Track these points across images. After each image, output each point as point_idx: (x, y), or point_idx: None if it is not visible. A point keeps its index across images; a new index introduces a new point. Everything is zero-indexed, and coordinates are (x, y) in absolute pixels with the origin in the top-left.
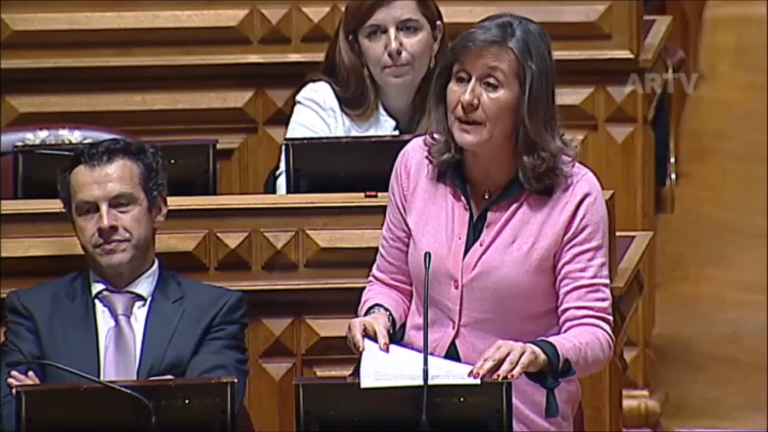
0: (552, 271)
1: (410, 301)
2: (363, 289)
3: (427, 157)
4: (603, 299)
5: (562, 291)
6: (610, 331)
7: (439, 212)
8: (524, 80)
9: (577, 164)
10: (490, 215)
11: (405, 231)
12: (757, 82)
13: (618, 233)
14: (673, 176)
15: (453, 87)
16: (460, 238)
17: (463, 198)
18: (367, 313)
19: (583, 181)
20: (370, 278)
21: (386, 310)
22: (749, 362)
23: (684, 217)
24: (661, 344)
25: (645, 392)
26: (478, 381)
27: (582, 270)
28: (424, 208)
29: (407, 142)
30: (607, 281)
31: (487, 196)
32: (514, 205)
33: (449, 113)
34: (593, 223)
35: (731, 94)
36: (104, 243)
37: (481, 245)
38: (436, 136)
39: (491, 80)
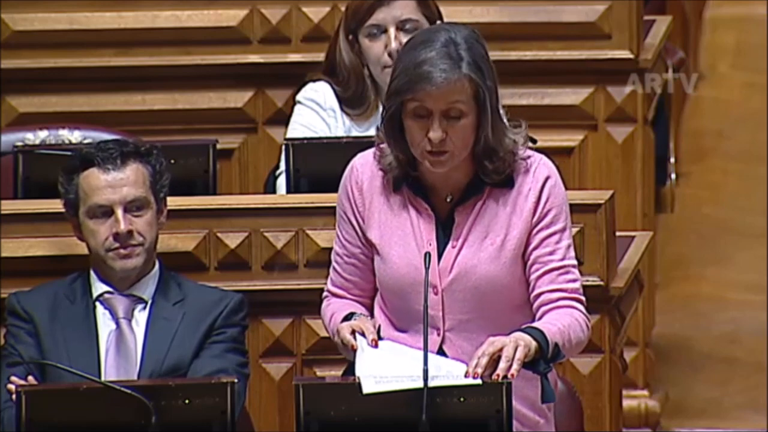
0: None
1: (371, 316)
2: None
3: (381, 169)
4: (574, 280)
5: (533, 276)
6: (585, 311)
7: (403, 222)
8: (483, 100)
9: (527, 150)
10: (456, 217)
11: (360, 247)
12: (757, 82)
13: (618, 233)
14: (673, 176)
15: (412, 123)
16: (430, 244)
17: (425, 204)
18: (345, 321)
19: (542, 165)
20: (326, 294)
21: (365, 316)
22: (749, 362)
23: (684, 217)
24: (661, 344)
25: (645, 392)
26: (479, 381)
27: (551, 253)
28: (385, 221)
29: None
30: (575, 262)
31: (449, 199)
32: (479, 203)
33: (413, 146)
34: (557, 206)
35: (731, 94)
36: (120, 247)
37: (453, 247)
38: (383, 147)
39: (454, 113)
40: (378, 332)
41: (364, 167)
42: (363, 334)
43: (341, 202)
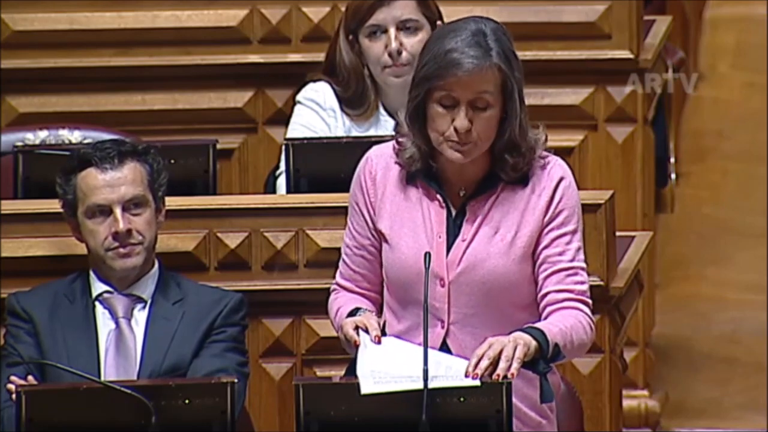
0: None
1: (378, 309)
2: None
3: (397, 163)
4: (582, 282)
5: (541, 276)
6: (590, 314)
7: (414, 214)
8: (511, 91)
9: (543, 151)
10: (468, 210)
11: (370, 239)
12: (757, 82)
13: (618, 233)
14: (673, 176)
15: (439, 111)
16: (440, 237)
17: (438, 197)
18: (349, 317)
19: (557, 166)
20: (334, 286)
21: (370, 311)
22: (749, 362)
23: (684, 217)
24: (661, 344)
25: (645, 392)
26: (478, 382)
27: (560, 254)
28: (397, 212)
29: None
30: (585, 265)
31: (462, 193)
32: (492, 198)
33: (436, 134)
34: (569, 207)
35: (731, 94)
36: (119, 246)
37: (463, 241)
38: (402, 141)
39: (481, 103)
40: (382, 329)
41: (379, 158)
42: (366, 331)
43: (354, 192)
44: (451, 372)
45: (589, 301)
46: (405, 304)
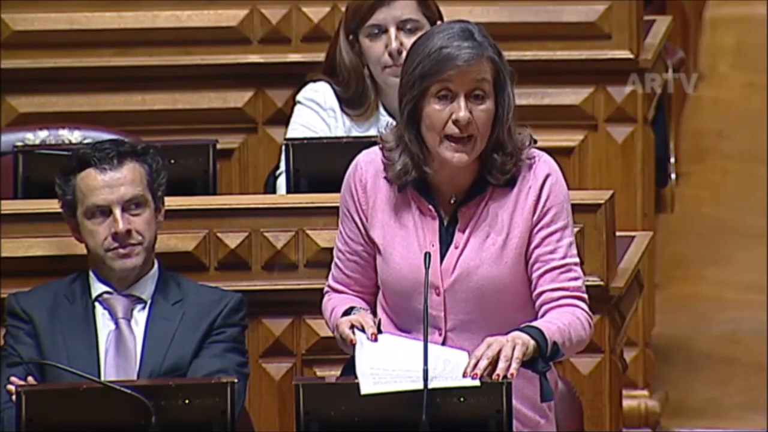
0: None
1: (372, 310)
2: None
3: (386, 179)
4: (576, 278)
5: (535, 275)
6: (587, 309)
7: (406, 223)
8: (503, 85)
9: (531, 149)
10: (460, 218)
11: (363, 245)
12: (757, 82)
13: (618, 233)
14: (673, 176)
15: (436, 108)
16: (433, 245)
17: (429, 206)
18: (345, 316)
19: (542, 162)
20: (327, 289)
21: (365, 310)
22: (749, 362)
23: (684, 217)
24: (661, 344)
25: (645, 392)
26: (477, 382)
27: (552, 252)
28: (388, 221)
29: None
30: (578, 260)
31: (453, 200)
32: (482, 202)
33: (434, 133)
34: (557, 204)
35: (731, 94)
36: (119, 247)
37: (456, 248)
38: (389, 155)
39: (479, 92)
40: (378, 326)
41: (368, 165)
42: (362, 329)
43: (344, 199)
44: (449, 366)
45: (585, 296)
46: (403, 312)
